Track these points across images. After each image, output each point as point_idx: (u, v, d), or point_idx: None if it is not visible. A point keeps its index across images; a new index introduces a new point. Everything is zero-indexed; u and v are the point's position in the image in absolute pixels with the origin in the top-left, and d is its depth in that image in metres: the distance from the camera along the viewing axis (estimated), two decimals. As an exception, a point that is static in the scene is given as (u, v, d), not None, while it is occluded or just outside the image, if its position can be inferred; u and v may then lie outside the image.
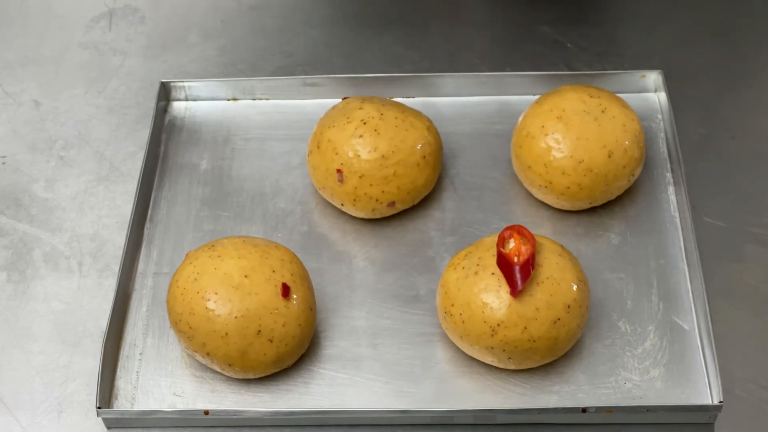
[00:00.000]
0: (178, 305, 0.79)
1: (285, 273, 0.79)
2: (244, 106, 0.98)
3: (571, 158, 0.85)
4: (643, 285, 0.85)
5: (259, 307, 0.77)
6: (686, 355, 0.81)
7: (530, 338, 0.77)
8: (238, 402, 0.80)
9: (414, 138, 0.87)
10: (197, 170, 0.94)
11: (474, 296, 0.78)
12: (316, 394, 0.80)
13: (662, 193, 0.90)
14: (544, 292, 0.77)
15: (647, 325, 0.83)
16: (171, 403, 0.80)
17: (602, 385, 0.80)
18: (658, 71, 0.95)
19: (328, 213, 0.90)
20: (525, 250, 0.77)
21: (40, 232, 0.91)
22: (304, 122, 0.95)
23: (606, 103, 0.87)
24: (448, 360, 0.82)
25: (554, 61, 1.00)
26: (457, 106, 0.96)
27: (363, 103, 0.88)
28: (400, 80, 0.96)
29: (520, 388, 0.80)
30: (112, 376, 0.82)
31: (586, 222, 0.89)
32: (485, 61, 1.01)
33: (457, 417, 0.78)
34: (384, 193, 0.86)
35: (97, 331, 0.84)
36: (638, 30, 1.03)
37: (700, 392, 0.79)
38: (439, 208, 0.90)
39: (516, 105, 0.95)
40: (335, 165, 0.86)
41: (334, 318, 0.84)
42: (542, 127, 0.86)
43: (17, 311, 0.86)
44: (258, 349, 0.78)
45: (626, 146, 0.85)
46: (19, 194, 0.93)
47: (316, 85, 0.97)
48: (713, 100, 0.97)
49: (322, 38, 1.04)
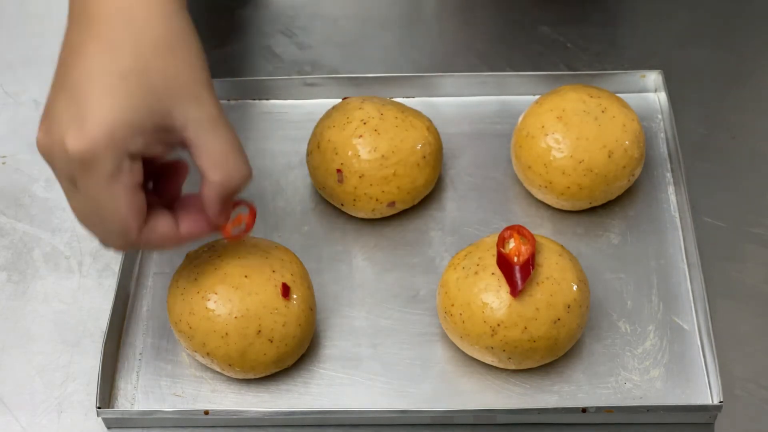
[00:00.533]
0: (178, 305, 0.79)
1: (285, 273, 0.79)
2: (244, 106, 0.98)
3: (571, 158, 0.85)
4: (643, 285, 0.85)
5: (259, 307, 0.77)
6: (686, 355, 0.81)
7: (530, 338, 0.77)
8: (238, 402, 0.80)
9: (414, 138, 0.87)
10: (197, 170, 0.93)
11: (474, 296, 0.78)
12: (316, 394, 0.80)
13: (662, 193, 0.90)
14: (544, 292, 0.77)
15: (647, 325, 0.83)
16: (171, 403, 0.80)
17: (602, 385, 0.80)
18: (658, 71, 0.95)
19: (328, 213, 0.90)
20: (525, 250, 0.77)
21: (40, 232, 0.91)
22: (304, 122, 0.95)
23: (606, 103, 0.87)
24: (448, 360, 0.82)
25: (554, 61, 1.00)
26: (457, 106, 0.96)
27: (363, 103, 0.88)
28: (400, 80, 0.96)
29: (520, 388, 0.80)
30: (112, 376, 0.82)
31: (586, 222, 0.89)
32: (485, 61, 1.01)
33: (457, 417, 0.78)
34: (384, 193, 0.86)
35: (97, 331, 0.84)
36: (638, 30, 1.03)
37: (700, 392, 0.79)
38: (439, 208, 0.90)
39: (516, 105, 0.95)
40: (335, 165, 0.86)
41: (334, 318, 0.84)
42: (542, 127, 0.86)
43: (17, 311, 0.86)
44: (258, 349, 0.78)
45: (626, 146, 0.85)
46: (19, 194, 0.93)
47: (316, 85, 0.97)
48: (713, 100, 0.97)
49: (322, 38, 1.04)
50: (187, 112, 0.70)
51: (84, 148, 0.67)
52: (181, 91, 0.70)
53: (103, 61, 0.68)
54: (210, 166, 0.71)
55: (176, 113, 0.69)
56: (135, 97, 0.68)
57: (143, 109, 0.68)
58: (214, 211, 0.74)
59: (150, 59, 0.69)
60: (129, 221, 0.70)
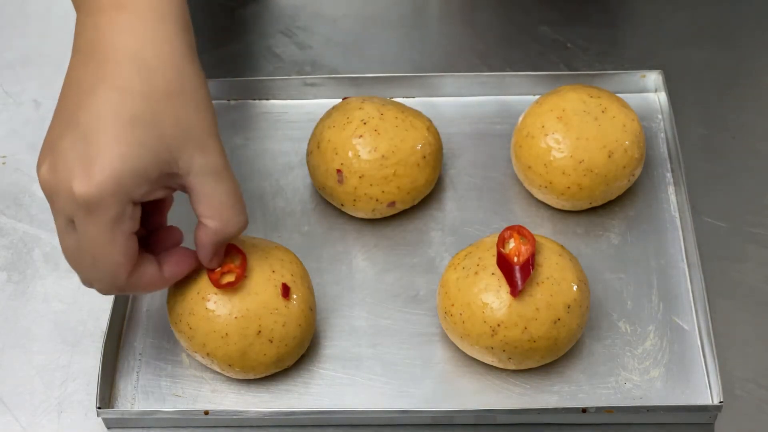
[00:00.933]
0: (178, 305, 0.79)
1: (285, 273, 0.79)
2: (244, 106, 0.98)
3: (571, 158, 0.85)
4: (643, 285, 0.85)
5: (259, 307, 0.77)
6: (686, 355, 0.81)
7: (530, 338, 0.77)
8: (238, 402, 0.80)
9: (414, 138, 0.87)
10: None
11: (474, 296, 0.78)
12: (316, 394, 0.80)
13: (662, 193, 0.90)
14: (544, 292, 0.77)
15: (647, 325, 0.83)
16: (171, 403, 0.80)
17: (602, 385, 0.80)
18: (658, 71, 0.95)
19: (328, 213, 0.90)
20: (525, 250, 0.77)
21: (40, 232, 0.91)
22: (304, 122, 0.95)
23: (606, 103, 0.87)
24: (448, 360, 0.82)
25: (554, 61, 1.00)
26: (457, 106, 0.96)
27: (363, 103, 0.88)
28: (400, 80, 0.96)
29: (520, 388, 0.80)
30: (112, 376, 0.82)
31: (586, 222, 0.89)
32: (485, 61, 1.01)
33: (457, 417, 0.78)
34: (384, 193, 0.86)
35: (97, 331, 0.84)
36: (638, 30, 1.03)
37: (700, 392, 0.79)
38: (439, 208, 0.90)
39: (516, 105, 0.95)
40: (335, 165, 0.86)
41: (334, 318, 0.84)
42: (542, 127, 0.86)
43: (17, 311, 0.86)
44: (258, 349, 0.78)
45: (626, 146, 0.85)
46: (19, 194, 0.93)
47: (316, 85, 0.97)
48: (713, 100, 0.97)
49: (322, 38, 1.04)
50: (193, 160, 0.70)
51: (90, 193, 0.67)
52: (190, 141, 0.70)
53: (113, 104, 0.68)
54: (208, 215, 0.72)
55: (182, 162, 0.70)
56: (144, 147, 0.68)
57: (151, 158, 0.68)
58: (206, 255, 0.75)
59: (161, 106, 0.69)
60: (121, 267, 0.71)
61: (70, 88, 0.71)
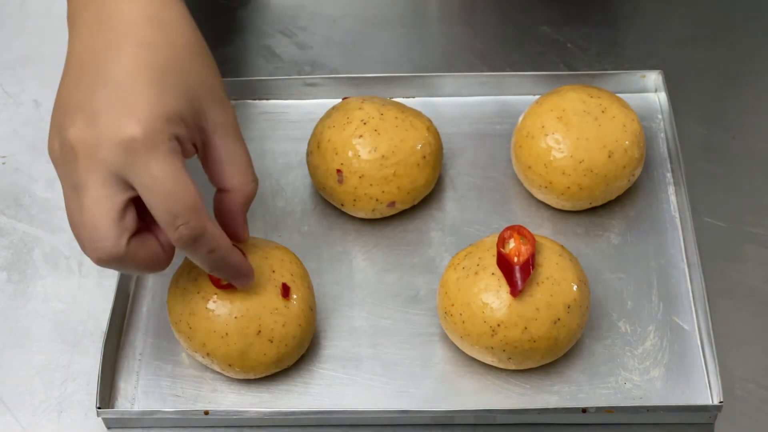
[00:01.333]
0: (178, 305, 0.79)
1: (285, 273, 0.79)
2: (244, 106, 0.98)
3: (571, 158, 0.85)
4: (643, 285, 0.85)
5: (259, 307, 0.77)
6: (686, 355, 0.81)
7: (530, 338, 0.77)
8: (238, 402, 0.80)
9: (414, 138, 0.87)
10: (197, 170, 0.93)
11: (474, 296, 0.78)
12: (316, 394, 0.80)
13: (662, 193, 0.90)
14: (544, 292, 0.77)
15: (647, 325, 0.83)
16: (171, 403, 0.80)
17: (602, 385, 0.80)
18: (658, 71, 0.95)
19: (328, 213, 0.90)
20: (525, 250, 0.77)
21: (40, 232, 0.91)
22: (304, 122, 0.95)
23: (606, 103, 0.87)
24: (448, 360, 0.82)
25: (554, 61, 1.00)
26: (457, 106, 0.96)
27: (363, 103, 0.88)
28: (400, 80, 0.96)
29: (520, 388, 0.80)
30: (112, 376, 0.82)
31: (586, 222, 0.89)
32: (485, 61, 1.01)
33: (457, 417, 0.78)
34: (384, 193, 0.86)
35: (97, 331, 0.84)
36: (638, 30, 1.03)
37: (700, 392, 0.79)
38: (439, 208, 0.90)
39: (516, 105, 0.95)
40: (335, 165, 0.86)
41: (334, 318, 0.84)
42: (542, 127, 0.86)
43: (17, 311, 0.86)
44: (258, 349, 0.78)
45: (626, 146, 0.85)
46: (19, 194, 0.93)
47: (316, 85, 0.97)
48: (713, 100, 0.97)
49: (322, 38, 1.04)
50: (216, 116, 0.73)
51: (144, 131, 0.68)
52: (212, 95, 0.73)
53: (143, 57, 0.70)
54: (235, 173, 0.74)
55: (209, 115, 0.72)
56: (178, 92, 0.70)
57: (185, 104, 0.70)
58: (240, 221, 0.76)
59: (185, 61, 0.72)
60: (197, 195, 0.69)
61: (83, 54, 0.72)
